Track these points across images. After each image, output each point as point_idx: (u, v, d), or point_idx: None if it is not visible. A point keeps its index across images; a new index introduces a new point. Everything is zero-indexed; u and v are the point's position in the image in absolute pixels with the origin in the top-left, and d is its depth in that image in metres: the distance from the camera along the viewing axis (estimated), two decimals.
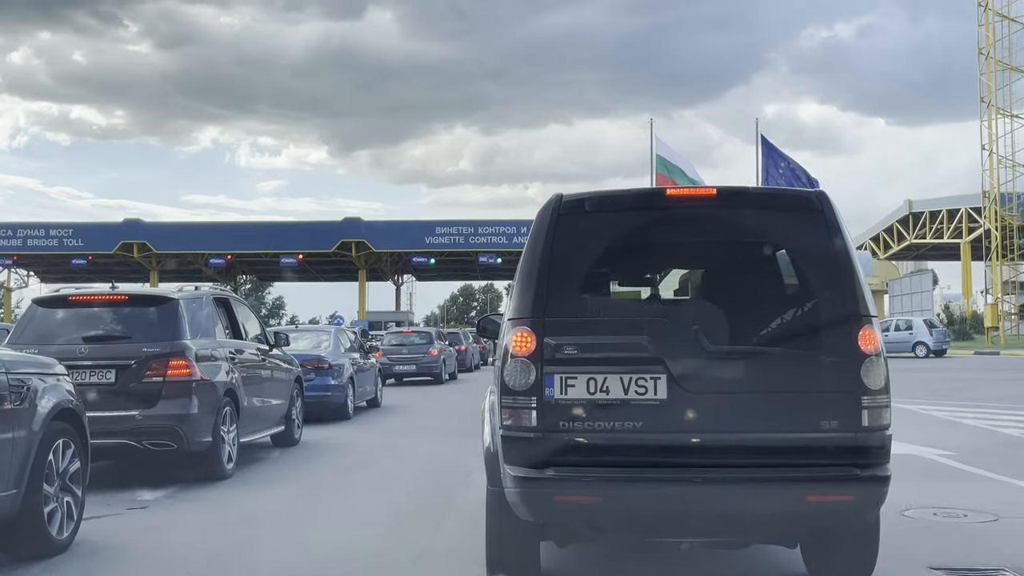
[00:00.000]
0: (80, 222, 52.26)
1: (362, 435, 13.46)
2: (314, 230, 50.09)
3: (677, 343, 4.45)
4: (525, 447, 4.49)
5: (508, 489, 4.57)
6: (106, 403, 8.36)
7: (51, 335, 8.87)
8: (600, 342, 4.51)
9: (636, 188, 4.72)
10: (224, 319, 10.12)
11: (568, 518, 4.58)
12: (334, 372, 15.76)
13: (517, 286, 4.70)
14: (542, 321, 4.53)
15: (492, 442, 4.92)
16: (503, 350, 4.65)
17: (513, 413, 4.56)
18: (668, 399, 4.42)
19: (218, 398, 9.10)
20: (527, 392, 4.51)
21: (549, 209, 4.70)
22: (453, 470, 9.38)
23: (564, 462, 4.45)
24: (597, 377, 4.47)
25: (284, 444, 11.76)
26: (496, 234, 48.79)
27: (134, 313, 9.01)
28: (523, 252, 5.09)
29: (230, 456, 9.38)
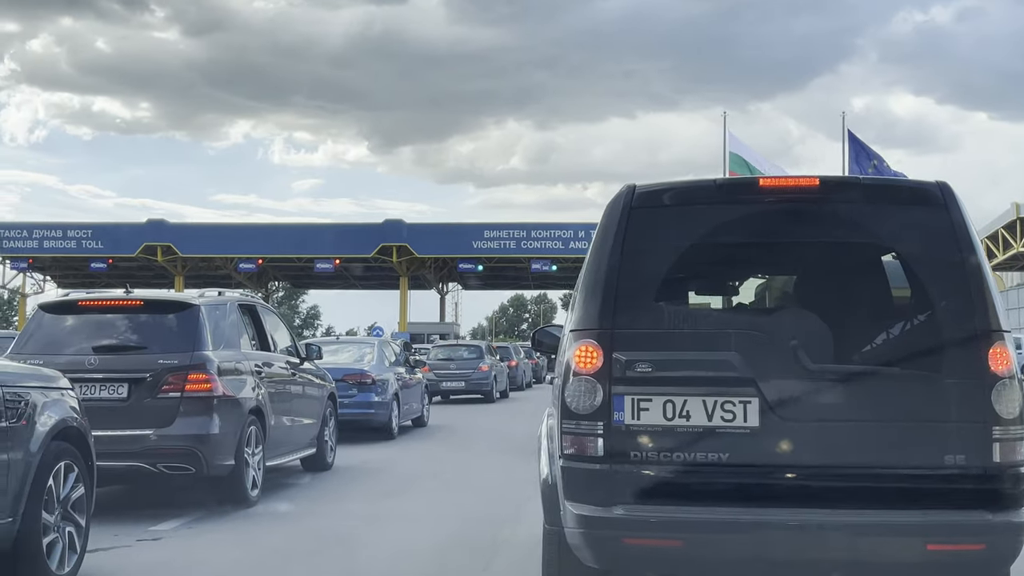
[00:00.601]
0: (100, 222, 53.02)
1: (403, 458, 13.34)
2: (352, 233, 50.25)
3: (771, 361, 4.16)
4: (589, 480, 4.24)
5: (569, 529, 4.32)
6: (117, 421, 8.18)
7: (58, 344, 8.73)
8: (679, 359, 4.24)
9: (723, 178, 4.43)
10: (250, 328, 9.96)
11: (639, 565, 4.30)
12: (378, 388, 15.78)
13: (581, 293, 4.44)
14: (611, 333, 4.27)
15: (550, 473, 4.67)
16: (564, 367, 4.40)
17: (576, 440, 4.30)
18: (760, 427, 4.14)
19: (242, 416, 8.91)
20: (592, 416, 4.26)
21: (620, 202, 4.43)
22: (503, 502, 9.16)
23: (636, 499, 4.20)
24: (675, 400, 4.20)
25: (315, 468, 11.58)
26: (551, 239, 48.51)
27: (150, 320, 8.86)
28: (588, 253, 4.83)
29: (255, 482, 9.20)
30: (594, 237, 4.74)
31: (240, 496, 8.91)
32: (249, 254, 49.94)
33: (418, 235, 49.67)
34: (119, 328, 8.83)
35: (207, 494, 9.13)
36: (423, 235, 49.90)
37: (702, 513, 4.09)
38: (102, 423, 7.81)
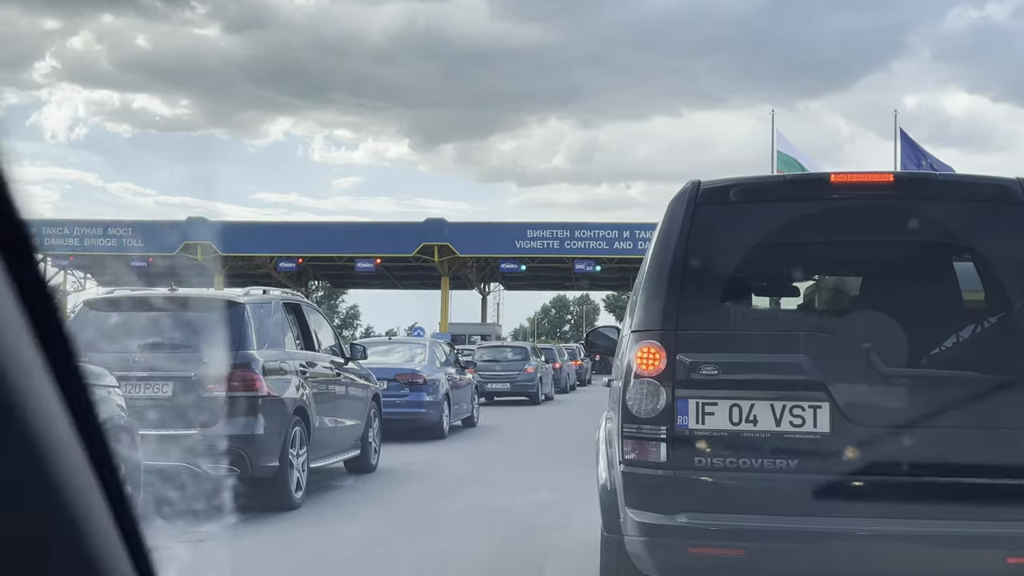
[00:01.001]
0: (141, 220, 53.61)
1: (449, 460, 13.33)
2: (393, 232, 50.41)
3: (842, 364, 4.06)
4: (652, 487, 4.16)
5: (629, 537, 4.24)
6: (161, 420, 8.20)
7: (103, 341, 8.71)
8: (746, 361, 4.15)
9: (793, 173, 4.32)
10: (295, 327, 9.96)
11: (703, 574, 4.20)
12: (429, 388, 16.03)
13: (643, 292, 4.36)
14: (675, 334, 4.18)
15: (609, 479, 4.59)
16: (625, 369, 4.32)
17: (637, 445, 4.22)
18: (831, 433, 4.04)
19: (287, 417, 8.90)
20: (655, 420, 4.17)
21: (684, 198, 4.34)
22: (552, 508, 9.09)
23: (700, 507, 4.11)
24: (742, 404, 4.10)
25: (359, 470, 11.57)
26: (595, 239, 48.37)
27: (195, 319, 8.90)
28: (649, 251, 4.75)
29: (299, 483, 9.18)
30: (656, 234, 4.65)
31: (284, 498, 8.90)
32: (289, 253, 50.29)
33: (460, 234, 49.68)
34: (164, 326, 8.88)
35: (249, 496, 9.12)
36: (465, 234, 49.89)
37: (768, 522, 3.99)
38: (146, 422, 7.91)
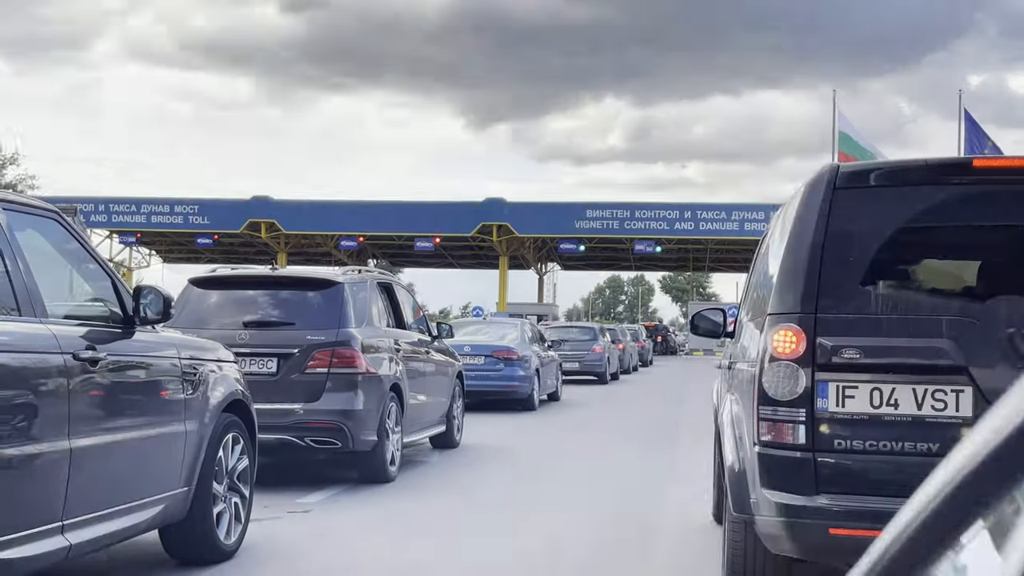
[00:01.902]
0: (207, 198, 54.23)
1: (533, 437, 13.58)
2: (452, 211, 50.50)
3: (986, 349, 4.07)
4: (790, 468, 4.19)
5: (764, 518, 4.27)
6: (267, 395, 8.47)
7: (208, 318, 9.10)
8: (887, 345, 4.16)
9: (934, 157, 4.31)
10: (387, 306, 10.27)
11: (843, 556, 4.22)
12: (523, 363, 17.68)
13: (780, 275, 4.37)
14: (814, 318, 4.21)
15: (738, 460, 4.62)
16: (761, 351, 4.34)
17: (773, 427, 4.25)
18: (973, 417, 4.04)
19: (384, 393, 9.22)
20: (794, 403, 4.20)
21: (823, 182, 4.35)
22: (644, 491, 9.15)
23: (839, 489, 4.13)
24: (883, 387, 4.12)
25: (443, 446, 11.95)
26: (655, 219, 48.13)
27: (296, 297, 9.20)
28: (775, 234, 4.76)
29: (393, 458, 9.46)
30: (786, 218, 4.66)
31: (381, 472, 9.18)
32: (351, 231, 50.59)
33: (519, 214, 49.64)
34: (267, 304, 9.21)
35: (345, 469, 9.33)
36: (524, 214, 49.84)
37: None
38: (253, 396, 7.95)
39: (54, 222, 4.89)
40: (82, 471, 4.48)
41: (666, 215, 48.19)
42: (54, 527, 4.32)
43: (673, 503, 8.45)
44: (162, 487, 5.31)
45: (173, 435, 5.40)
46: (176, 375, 5.48)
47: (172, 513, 5.45)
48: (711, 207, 48.72)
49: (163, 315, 5.16)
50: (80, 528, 4.51)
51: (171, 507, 5.41)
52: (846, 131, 36.39)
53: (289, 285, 9.34)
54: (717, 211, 47.95)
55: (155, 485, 5.25)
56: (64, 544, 4.38)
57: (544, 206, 51.55)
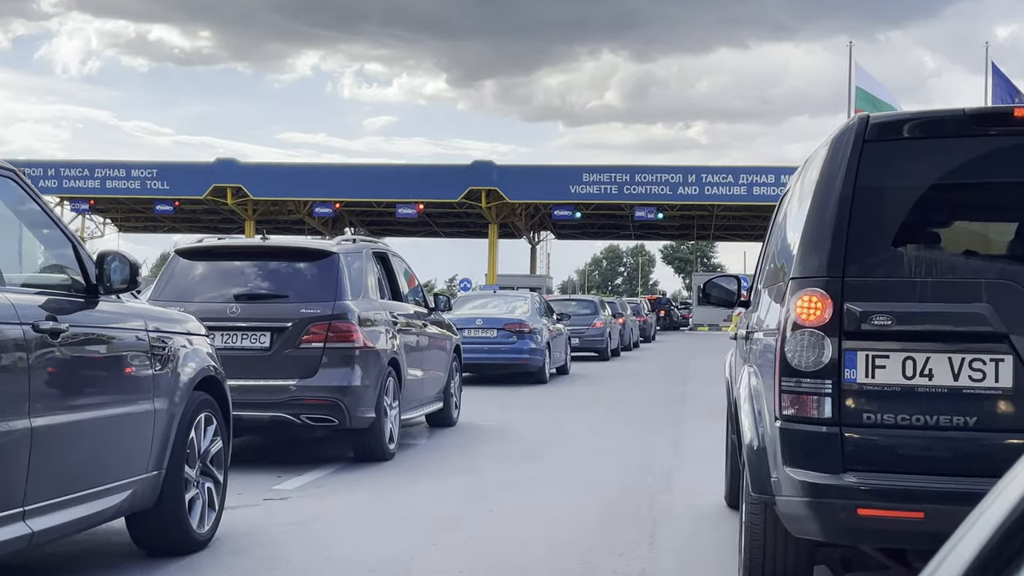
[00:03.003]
0: (167, 161, 54.03)
1: (534, 413, 13.84)
2: (437, 175, 50.45)
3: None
4: (815, 444, 4.21)
5: (786, 498, 4.29)
6: (260, 371, 8.82)
7: (197, 291, 9.36)
8: (921, 311, 4.17)
9: (973, 107, 4.31)
10: (383, 277, 10.54)
11: (872, 538, 4.27)
12: (534, 337, 19.03)
13: (803, 237, 4.38)
14: (841, 282, 4.22)
15: (758, 436, 4.64)
16: (783, 319, 4.35)
17: (796, 400, 4.27)
18: (1014, 388, 4.07)
19: (382, 368, 9.49)
20: (819, 374, 4.22)
21: (851, 134, 4.34)
22: (650, 470, 9.24)
23: (869, 466, 4.16)
24: (916, 356, 4.13)
25: (440, 424, 12.27)
26: (657, 183, 48.17)
27: (289, 269, 9.49)
28: (795, 193, 4.76)
29: (392, 435, 9.75)
30: (809, 174, 4.66)
31: (379, 450, 9.48)
32: (325, 197, 50.46)
33: (510, 178, 49.64)
34: (259, 276, 9.52)
35: (336, 449, 9.43)
36: (515, 178, 49.84)
37: (948, 483, 4.03)
38: (245, 373, 8.59)
39: (11, 182, 4.86)
40: (44, 453, 4.48)
41: (668, 179, 48.22)
42: (15, 513, 4.32)
43: (680, 484, 8.52)
44: (130, 471, 5.32)
45: (141, 414, 5.40)
46: (144, 349, 5.48)
47: (141, 499, 5.46)
48: (717, 170, 48.76)
49: (129, 283, 5.15)
50: (43, 514, 4.52)
51: (140, 493, 5.42)
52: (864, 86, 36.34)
53: (282, 256, 9.59)
54: (723, 174, 48.00)
55: (122, 469, 5.26)
56: (26, 531, 4.38)
57: (537, 169, 51.58)
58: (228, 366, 7.23)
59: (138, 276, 5.18)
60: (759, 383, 4.83)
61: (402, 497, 7.92)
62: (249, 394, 8.66)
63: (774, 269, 5.16)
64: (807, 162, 5.04)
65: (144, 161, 52.72)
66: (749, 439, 4.73)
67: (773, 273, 5.15)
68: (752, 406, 4.85)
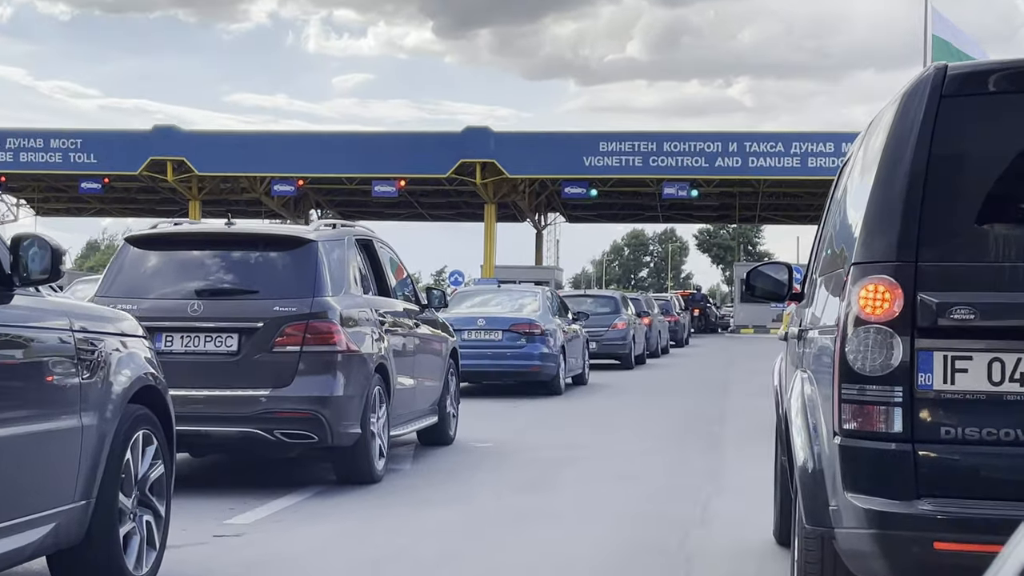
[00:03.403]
0: (93, 129, 54.06)
1: (545, 430, 14.15)
2: (422, 145, 50.48)
3: None
4: (882, 465, 4.25)
5: (847, 531, 4.33)
6: (226, 379, 9.08)
7: (151, 286, 9.58)
8: (1011, 302, 4.22)
9: None
10: (368, 269, 10.77)
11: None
12: (547, 339, 19.21)
13: (868, 214, 4.42)
14: (913, 267, 4.24)
15: (813, 456, 4.68)
16: (843, 313, 4.38)
17: (860, 411, 4.31)
18: None
19: (368, 376, 9.72)
20: (886, 379, 4.25)
21: (925, 88, 4.37)
22: (682, 498, 9.34)
23: (947, 491, 4.19)
24: (1005, 357, 4.18)
25: (435, 441, 12.52)
26: (690, 153, 48.22)
27: (259, 259, 9.73)
28: (858, 163, 4.78)
29: (380, 452, 10.00)
30: (874, 139, 4.68)
31: (366, 470, 9.71)
32: (286, 172, 50.53)
33: (510, 148, 49.66)
34: (224, 268, 9.74)
35: (302, 472, 9.78)
36: (516, 148, 49.87)
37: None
38: (209, 381, 9.09)
39: None
40: None
41: (704, 148, 48.26)
42: None
43: (717, 516, 8.62)
44: (52, 500, 5.34)
45: (65, 432, 5.42)
46: (68, 353, 5.51)
47: (65, 534, 5.48)
48: (764, 137, 48.78)
49: (51, 273, 5.18)
50: None
51: (64, 526, 5.44)
52: (943, 35, 36.38)
53: (250, 244, 9.82)
54: (772, 142, 48.01)
55: (42, 498, 5.28)
56: None
57: (543, 137, 51.54)
58: (190, 373, 8.06)
59: (61, 264, 5.22)
60: (814, 392, 4.86)
61: (381, 532, 7.97)
62: (214, 406, 8.97)
63: (832, 255, 5.19)
64: (872, 124, 5.07)
65: (66, 129, 52.78)
66: (802, 460, 4.76)
67: (831, 260, 5.18)
68: (806, 420, 4.89)
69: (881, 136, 4.54)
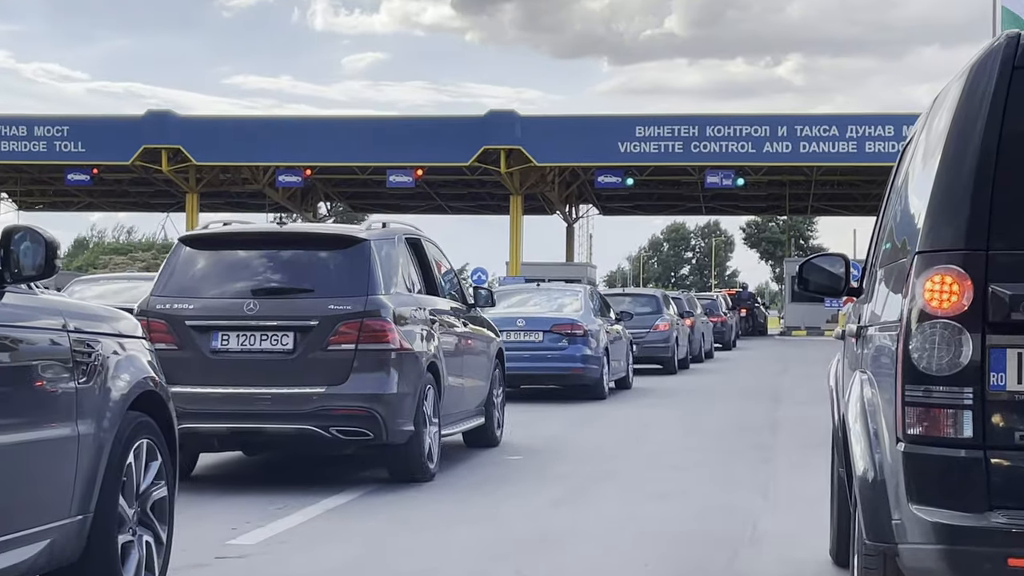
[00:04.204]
0: (81, 116, 54.27)
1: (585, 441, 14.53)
2: (441, 131, 50.46)
3: None
4: (952, 474, 4.26)
5: (912, 546, 4.34)
6: (283, 377, 10.07)
7: (206, 285, 10.55)
8: None
9: None
10: (417, 268, 11.74)
11: None
12: (590, 340, 19.77)
13: (933, 199, 4.43)
14: (984, 256, 4.25)
15: (873, 465, 4.69)
16: (906, 308, 4.39)
17: (926, 415, 4.32)
18: None
19: (420, 374, 10.69)
20: (955, 379, 4.27)
21: (995, 60, 4.40)
22: (731, 514, 9.38)
23: (1022, 502, 4.18)
24: None
25: (480, 443, 13.43)
26: (735, 137, 48.17)
27: (312, 259, 10.74)
28: (940, 140, 4.78)
29: (431, 452, 10.89)
30: (943, 117, 4.69)
31: (418, 468, 10.67)
32: (292, 162, 50.63)
33: (538, 133, 49.66)
34: (278, 267, 10.76)
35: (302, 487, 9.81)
36: (545, 134, 49.86)
37: None
38: (265, 379, 10.13)
39: None
40: None
41: (751, 132, 48.22)
42: None
43: (768, 535, 8.64)
44: (47, 515, 5.38)
45: (61, 441, 5.47)
46: (63, 356, 5.55)
47: (61, 552, 5.53)
48: (816, 120, 48.75)
49: (45, 269, 5.23)
50: None
51: (60, 543, 5.49)
52: (1011, 7, 36.23)
53: (304, 244, 10.97)
54: (825, 125, 47.94)
55: (37, 512, 5.32)
56: None
57: (574, 122, 51.59)
58: (245, 372, 9.94)
59: (56, 260, 5.26)
60: (875, 395, 4.87)
61: (393, 556, 8.04)
62: (270, 404, 10.03)
63: (893, 246, 5.20)
64: (936, 102, 5.08)
65: (51, 116, 53.03)
66: (862, 469, 4.78)
67: (892, 251, 5.19)
68: (866, 425, 4.90)
69: (946, 114, 4.55)
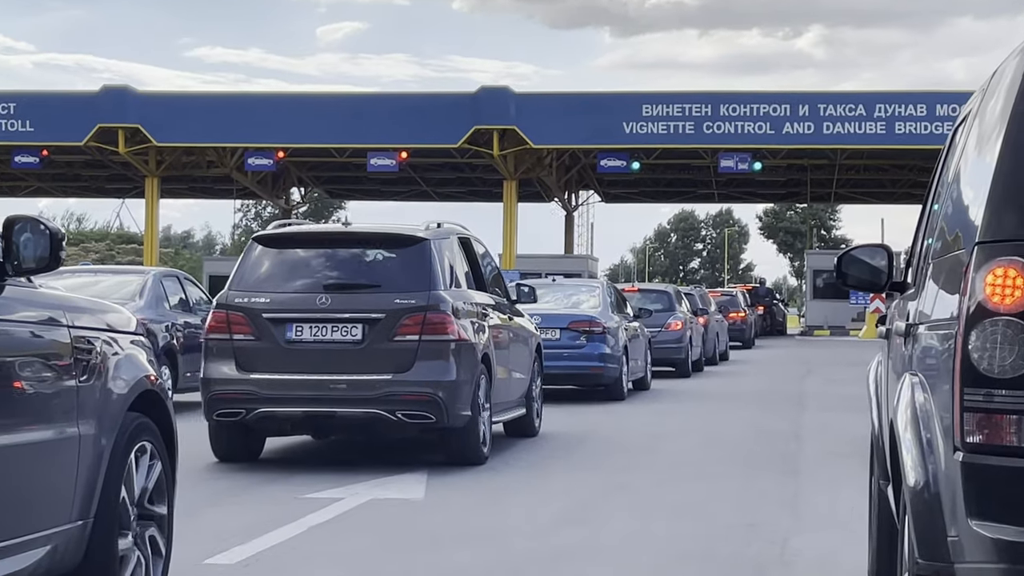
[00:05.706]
0: (29, 91, 54.03)
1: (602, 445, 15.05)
2: (427, 110, 50.19)
3: None
4: (1016, 485, 4.18)
5: (972, 566, 4.27)
6: (353, 365, 12.16)
7: (282, 280, 12.69)
8: None
9: None
10: (467, 265, 13.87)
11: None
12: (609, 338, 20.83)
13: (995, 185, 4.46)
14: None
15: (927, 475, 4.64)
16: (965, 304, 4.46)
17: (987, 421, 4.29)
18: None
19: (476, 363, 12.75)
20: (1020, 382, 4.26)
21: None
22: (757, 532, 9.45)
23: None
24: None
25: (520, 433, 15.37)
26: (750, 118, 48.04)
27: (379, 257, 12.93)
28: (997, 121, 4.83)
29: (485, 437, 12.90)
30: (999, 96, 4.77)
31: (474, 452, 12.72)
32: (262, 143, 50.39)
33: (534, 112, 49.45)
34: (347, 264, 13.00)
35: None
36: (541, 113, 49.63)
37: None
38: (336, 367, 12.21)
39: None
40: None
41: (769, 112, 48.08)
42: None
43: (802, 553, 8.71)
44: (47, 520, 5.52)
45: (61, 442, 5.61)
46: (64, 353, 5.71)
47: (62, 558, 5.67)
48: (841, 98, 48.54)
49: (49, 261, 5.36)
50: None
51: (61, 549, 5.62)
52: None
53: (369, 243, 13.03)
54: (851, 104, 47.78)
55: (37, 518, 5.45)
56: None
57: (573, 100, 51.29)
58: (318, 360, 12.09)
59: (61, 251, 5.38)
60: (927, 399, 4.83)
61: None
62: (341, 389, 12.08)
63: (945, 238, 5.22)
64: (992, 80, 5.06)
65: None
66: (914, 481, 4.69)
67: (944, 242, 5.21)
68: (918, 433, 4.79)
69: (1006, 93, 4.60)
